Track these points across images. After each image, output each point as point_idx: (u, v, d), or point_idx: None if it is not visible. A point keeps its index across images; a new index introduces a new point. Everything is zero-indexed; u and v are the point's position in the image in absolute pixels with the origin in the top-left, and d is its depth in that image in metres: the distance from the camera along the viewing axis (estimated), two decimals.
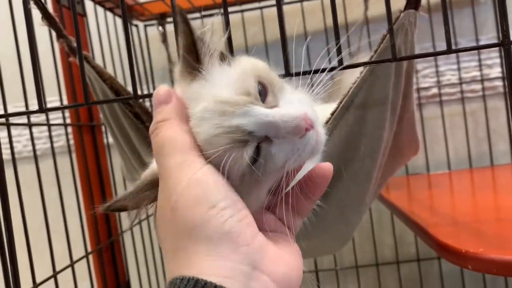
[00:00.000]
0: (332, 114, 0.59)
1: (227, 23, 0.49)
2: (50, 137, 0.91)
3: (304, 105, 0.42)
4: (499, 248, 0.54)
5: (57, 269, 0.82)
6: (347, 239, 0.79)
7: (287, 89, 0.44)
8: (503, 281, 1.24)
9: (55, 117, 1.27)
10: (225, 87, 0.40)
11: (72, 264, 0.85)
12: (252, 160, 0.39)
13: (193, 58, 0.42)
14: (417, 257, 1.23)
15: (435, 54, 0.49)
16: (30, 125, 0.82)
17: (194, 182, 0.38)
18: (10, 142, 0.72)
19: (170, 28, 1.23)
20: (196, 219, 0.37)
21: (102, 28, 1.16)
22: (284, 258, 0.39)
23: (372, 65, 0.54)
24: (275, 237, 0.42)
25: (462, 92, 1.24)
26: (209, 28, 0.43)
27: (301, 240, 0.67)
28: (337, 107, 0.59)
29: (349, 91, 0.59)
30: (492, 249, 0.52)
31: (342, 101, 0.59)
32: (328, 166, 0.44)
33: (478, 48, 0.48)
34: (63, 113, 1.05)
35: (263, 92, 0.41)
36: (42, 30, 0.75)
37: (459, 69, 1.23)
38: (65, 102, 1.08)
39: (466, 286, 1.23)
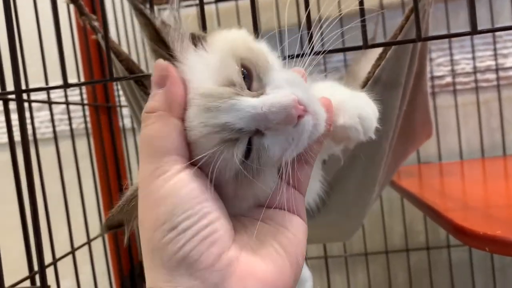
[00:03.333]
0: None
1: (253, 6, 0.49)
2: (69, 116, 0.92)
3: (294, 87, 0.37)
4: None
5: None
6: (360, 222, 0.80)
7: (274, 67, 0.40)
8: None
9: (71, 100, 1.28)
10: (206, 77, 0.37)
11: (89, 242, 0.87)
12: (244, 157, 0.36)
13: (161, 47, 0.38)
14: (427, 245, 1.24)
15: (460, 35, 0.49)
16: (50, 103, 0.83)
17: (160, 198, 0.35)
18: (32, 119, 0.73)
19: (184, 12, 1.23)
20: (155, 242, 0.35)
21: (118, 8, 1.16)
22: (258, 272, 0.35)
23: (394, 46, 0.55)
24: (265, 233, 0.38)
25: (476, 81, 1.23)
26: (171, 14, 0.39)
27: (317, 218, 0.69)
28: (361, 89, 0.59)
29: (373, 73, 0.58)
30: (508, 232, 0.53)
31: (366, 84, 0.59)
32: (328, 101, 0.41)
33: (501, 29, 0.48)
34: (81, 94, 1.05)
35: (247, 77, 0.38)
36: (60, 10, 0.76)
37: (473, 58, 1.23)
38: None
39: (475, 275, 1.23)
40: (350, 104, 0.47)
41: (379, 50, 0.59)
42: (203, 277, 0.34)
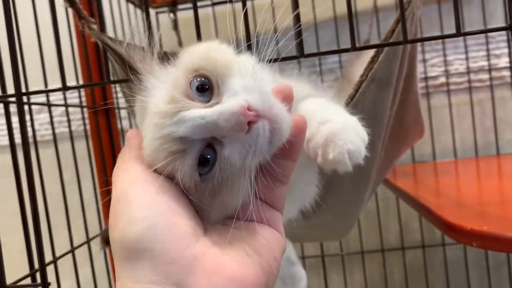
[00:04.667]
0: (351, 99, 0.60)
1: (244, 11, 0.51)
2: (68, 119, 0.94)
3: (251, 93, 0.37)
4: (503, 226, 0.56)
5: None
6: (354, 221, 0.81)
7: (235, 73, 0.39)
8: (507, 269, 1.25)
9: (70, 102, 1.29)
10: (164, 94, 0.39)
11: (88, 241, 0.88)
12: (207, 167, 0.37)
13: (130, 72, 0.41)
14: (422, 243, 1.25)
15: (444, 37, 0.50)
16: (49, 105, 0.85)
17: (123, 193, 0.36)
18: (32, 122, 0.74)
19: (181, 15, 1.25)
20: (117, 234, 0.35)
21: (115, 13, 1.18)
22: (226, 270, 0.34)
23: (386, 49, 0.56)
24: (237, 237, 0.38)
25: (469, 81, 1.25)
26: (133, 36, 0.42)
27: (313, 219, 0.70)
28: (355, 92, 0.60)
29: (366, 76, 0.59)
30: (496, 228, 0.54)
31: (359, 87, 0.60)
32: (301, 119, 0.40)
33: (486, 31, 0.50)
34: (79, 96, 1.07)
35: (208, 85, 0.39)
36: (59, 14, 0.78)
37: (467, 58, 1.24)
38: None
39: (470, 273, 1.25)
40: (340, 137, 0.47)
41: (371, 53, 0.61)
42: (167, 272, 0.33)
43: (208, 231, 0.38)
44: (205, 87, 0.38)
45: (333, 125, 0.48)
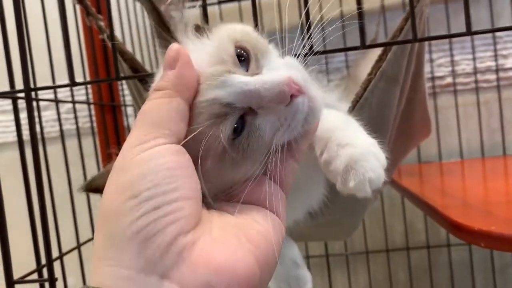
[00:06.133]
0: (359, 97, 0.60)
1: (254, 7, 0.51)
2: (75, 115, 0.94)
3: (291, 69, 0.38)
4: (511, 227, 0.55)
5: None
6: (360, 220, 0.81)
7: (273, 53, 0.40)
8: None
9: (77, 99, 1.30)
10: (202, 60, 0.38)
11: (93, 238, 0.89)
12: (235, 134, 0.36)
13: (165, 31, 0.41)
14: (427, 244, 1.25)
15: (454, 35, 0.50)
16: (57, 102, 0.85)
17: (131, 165, 0.33)
18: (40, 118, 0.74)
19: (189, 12, 1.24)
20: (112, 208, 0.32)
21: (122, 8, 1.18)
22: (212, 260, 0.32)
23: (394, 47, 0.56)
24: (233, 225, 0.36)
25: (476, 81, 1.24)
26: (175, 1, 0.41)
27: (320, 219, 0.70)
28: (364, 91, 0.60)
29: (374, 74, 0.59)
30: (504, 228, 0.54)
31: (368, 85, 0.59)
32: None
33: (496, 30, 0.50)
34: (86, 93, 1.07)
35: (245, 58, 0.39)
36: (67, 10, 0.78)
37: (474, 58, 1.24)
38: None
39: (475, 275, 1.24)
40: (360, 165, 0.46)
41: (378, 52, 0.61)
42: (151, 259, 0.31)
43: (203, 217, 0.35)
44: (242, 58, 0.38)
45: (353, 150, 0.47)
